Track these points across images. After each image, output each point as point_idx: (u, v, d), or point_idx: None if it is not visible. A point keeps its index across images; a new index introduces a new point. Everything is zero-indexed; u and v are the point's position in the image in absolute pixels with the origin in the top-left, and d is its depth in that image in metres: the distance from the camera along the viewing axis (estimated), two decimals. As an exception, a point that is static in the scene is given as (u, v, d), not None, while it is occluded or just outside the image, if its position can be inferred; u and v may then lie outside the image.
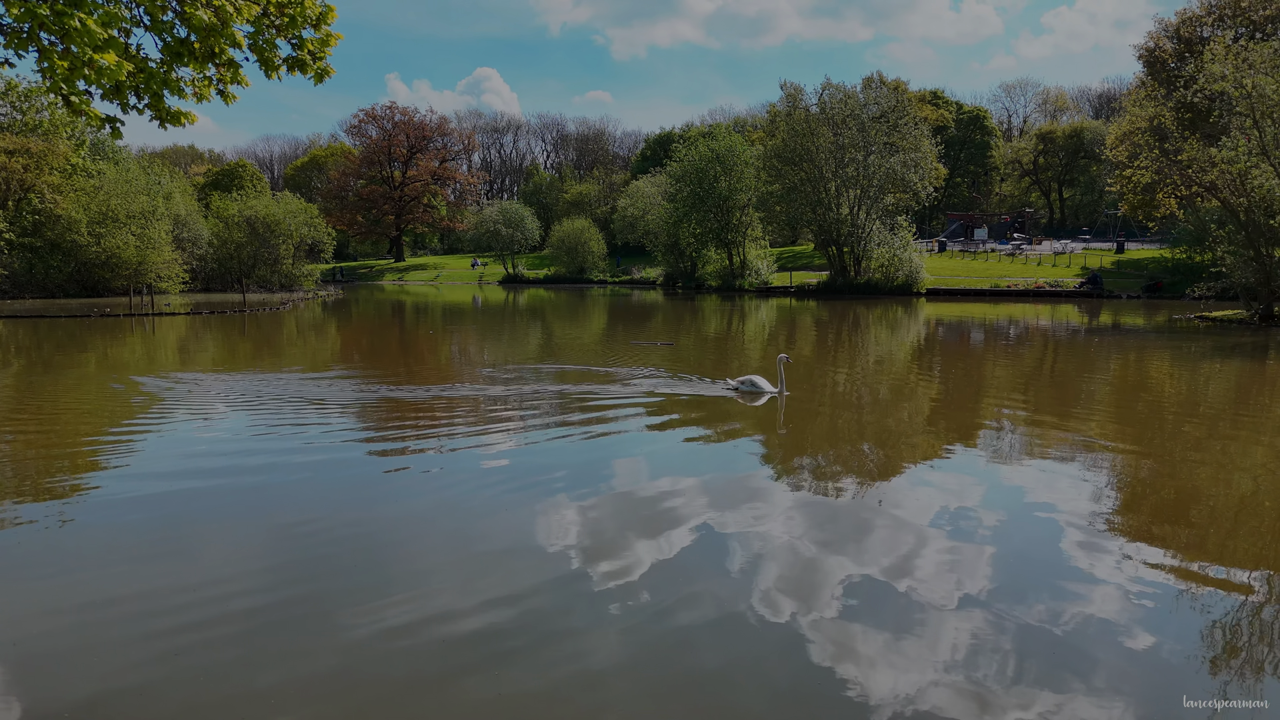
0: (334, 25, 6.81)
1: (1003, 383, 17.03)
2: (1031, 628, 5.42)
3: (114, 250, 51.65)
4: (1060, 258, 60.99)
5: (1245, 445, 10.94)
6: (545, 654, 5.10)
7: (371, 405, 13.70)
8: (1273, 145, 27.71)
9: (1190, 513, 7.95)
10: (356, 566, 6.54)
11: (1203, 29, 47.00)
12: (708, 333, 29.65)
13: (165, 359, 21.64)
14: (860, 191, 52.73)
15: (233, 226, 63.29)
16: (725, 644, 5.24)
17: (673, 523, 7.45)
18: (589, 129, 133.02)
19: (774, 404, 13.35)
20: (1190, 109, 38.35)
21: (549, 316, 39.87)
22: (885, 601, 5.83)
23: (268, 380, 16.33)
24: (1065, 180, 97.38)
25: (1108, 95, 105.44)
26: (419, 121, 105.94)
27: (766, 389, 14.05)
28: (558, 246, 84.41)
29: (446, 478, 9.34)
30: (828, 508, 8.06)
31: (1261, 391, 15.69)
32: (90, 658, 5.08)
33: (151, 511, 7.95)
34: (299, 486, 8.90)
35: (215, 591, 6.03)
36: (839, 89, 53.16)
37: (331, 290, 68.77)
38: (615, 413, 12.90)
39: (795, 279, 59.59)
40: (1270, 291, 29.98)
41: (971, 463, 10.00)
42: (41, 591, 6.11)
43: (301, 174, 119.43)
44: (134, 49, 6.61)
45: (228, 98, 6.82)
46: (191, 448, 10.76)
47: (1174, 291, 46.17)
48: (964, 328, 30.87)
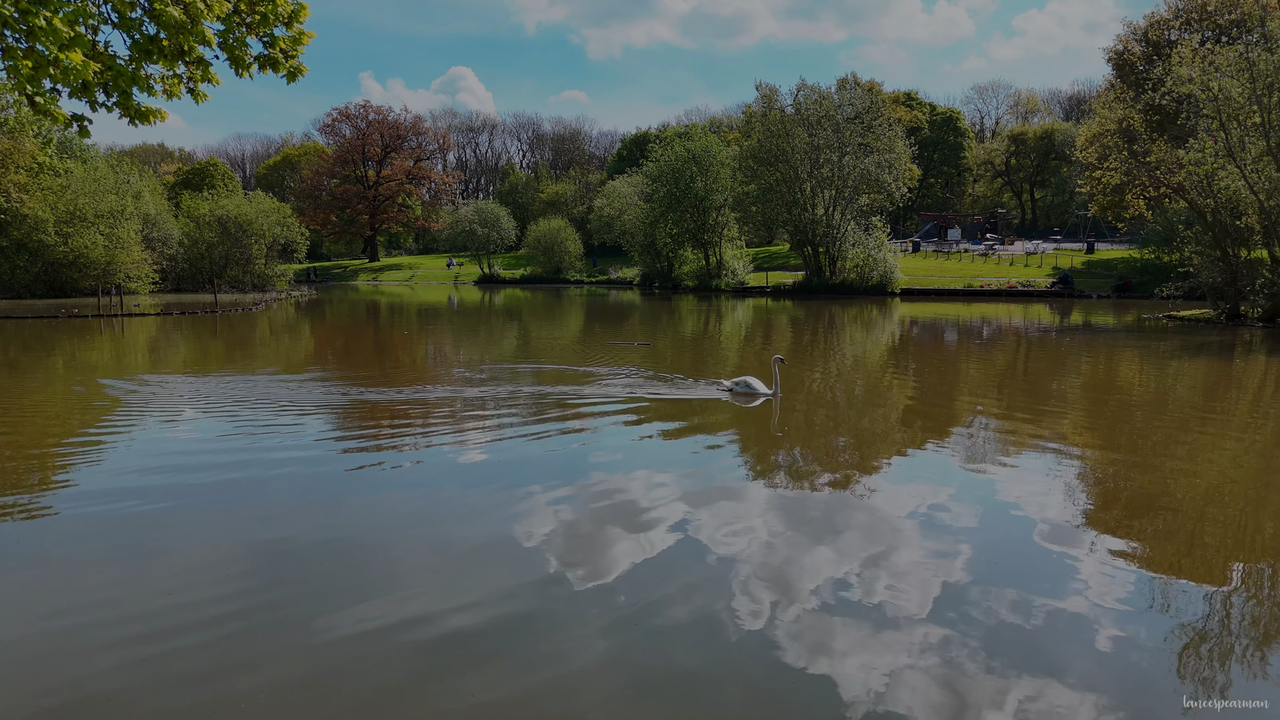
0: (306, 23, 6.74)
1: (976, 382, 17.20)
2: (1005, 624, 5.47)
3: (82, 250, 50.79)
4: (1032, 258, 61.72)
5: (1214, 441, 11.12)
6: (522, 655, 5.07)
7: (345, 407, 13.58)
8: (1239, 147, 28.21)
9: (1160, 508, 8.07)
10: (331, 570, 6.48)
11: (1170, 32, 47.73)
12: (685, 333, 29.68)
13: (134, 361, 21.32)
14: (835, 192, 53.04)
15: (204, 226, 62.45)
16: (703, 642, 5.25)
17: (651, 523, 7.44)
18: (565, 129, 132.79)
19: (767, 406, 13.30)
20: (1158, 111, 38.92)
21: (525, 317, 39.74)
22: (862, 598, 5.86)
23: (238, 382, 16.14)
24: (1036, 181, 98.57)
25: (1078, 98, 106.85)
26: (393, 120, 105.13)
27: (761, 390, 13.92)
28: (534, 246, 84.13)
29: (421, 480, 9.27)
30: (804, 506, 8.09)
31: (1229, 389, 15.97)
32: (59, 665, 4.99)
33: (121, 516, 7.83)
34: (271, 489, 8.80)
35: (187, 596, 5.95)
36: (814, 90, 53.44)
37: (305, 290, 68.05)
38: (592, 413, 12.87)
39: (771, 279, 59.82)
40: (1236, 291, 30.52)
41: (945, 460, 10.09)
42: (5, 598, 6.00)
43: (274, 173, 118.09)
44: (102, 46, 6.51)
45: (198, 96, 6.72)
46: (162, 448, 10.61)
47: (1143, 291, 46.87)
48: (938, 327, 31.14)
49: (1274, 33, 27.65)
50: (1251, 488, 8.98)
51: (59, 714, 4.48)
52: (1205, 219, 30.96)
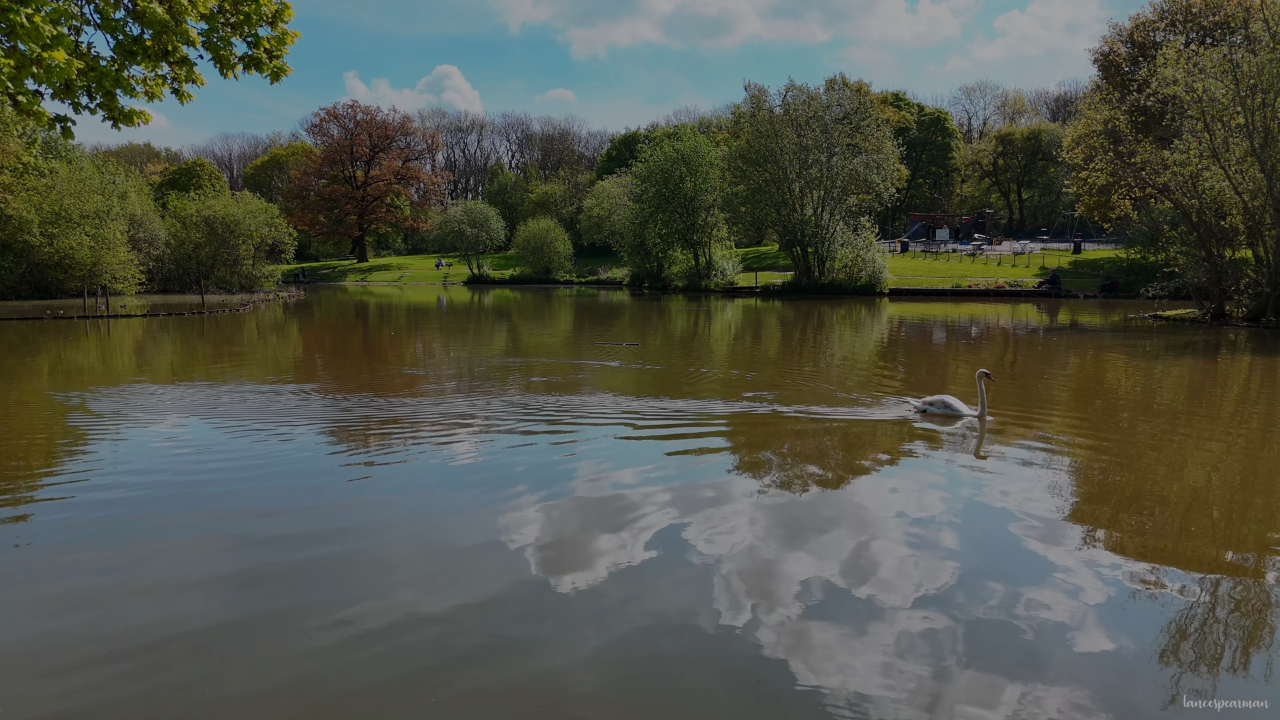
0: (290, 23, 6.71)
1: (965, 380, 17.26)
2: (991, 622, 5.49)
3: (67, 251, 50.47)
4: (1020, 258, 62.09)
5: (1200, 439, 11.20)
6: (513, 654, 5.06)
7: (333, 410, 13.52)
8: (1223, 148, 28.43)
9: (1146, 506, 8.11)
10: (319, 573, 6.45)
11: (1155, 34, 48.07)
12: (675, 333, 29.69)
13: (121, 363, 21.17)
14: (824, 192, 53.18)
15: (191, 227, 62.16)
16: (691, 641, 5.24)
17: (640, 527, 7.44)
18: (554, 129, 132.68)
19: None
20: (1144, 112, 39.19)
21: (515, 317, 39.67)
22: (849, 596, 5.87)
23: (223, 384, 16.04)
24: (1024, 182, 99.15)
25: (1064, 98, 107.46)
26: (382, 120, 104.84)
27: (964, 411, 12.13)
28: (523, 247, 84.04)
29: (410, 483, 9.24)
30: (790, 505, 8.09)
31: (1214, 388, 16.08)
32: (46, 674, 4.95)
33: (106, 518, 7.78)
34: (259, 493, 8.75)
35: (172, 600, 5.91)
36: (802, 90, 53.58)
37: (293, 291, 67.75)
38: (583, 412, 12.86)
39: (760, 279, 59.96)
40: (1221, 291, 30.75)
41: (932, 459, 10.12)
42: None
43: (262, 173, 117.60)
44: (85, 47, 6.46)
45: (182, 97, 6.68)
46: (150, 449, 10.54)
47: (1129, 291, 47.16)
48: (926, 327, 31.25)
49: (1257, 34, 27.87)
50: (1237, 485, 9.05)
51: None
52: (1190, 219, 31.18)
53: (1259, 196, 28.51)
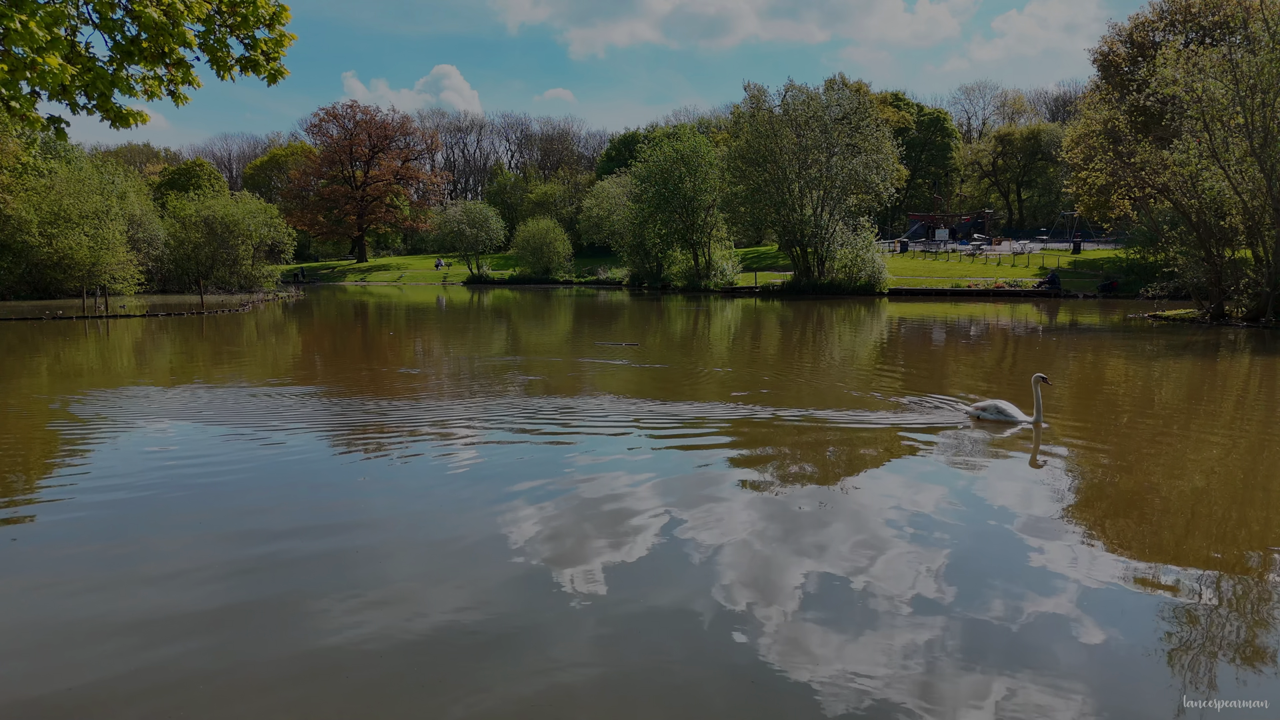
0: (288, 25, 6.69)
1: (964, 380, 17.24)
2: (988, 621, 5.48)
3: (66, 251, 50.45)
4: (1019, 258, 62.08)
5: (1200, 439, 11.18)
6: (512, 651, 5.04)
7: (333, 410, 13.49)
8: (1222, 148, 28.42)
9: (1146, 507, 8.10)
10: (319, 571, 6.43)
11: (1155, 34, 48.07)
12: (674, 333, 29.67)
13: (120, 364, 21.15)
14: (823, 192, 53.16)
15: (190, 227, 62.14)
16: (689, 641, 5.23)
17: (639, 526, 7.42)
18: (553, 129, 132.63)
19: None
20: (1143, 112, 39.19)
21: (515, 317, 39.65)
22: (847, 596, 5.85)
23: (222, 385, 16.02)
24: (1023, 181, 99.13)
25: (1064, 98, 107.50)
26: (381, 120, 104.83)
27: (1019, 418, 11.73)
28: (523, 247, 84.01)
29: (409, 482, 9.22)
30: (789, 504, 8.07)
31: (1214, 388, 16.07)
32: (45, 670, 4.94)
33: (107, 516, 7.76)
34: (259, 491, 8.73)
35: (174, 597, 5.89)
36: (802, 90, 53.56)
37: (292, 291, 67.72)
38: (583, 412, 12.84)
39: (760, 279, 59.94)
40: (1220, 291, 30.74)
41: (932, 458, 10.10)
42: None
43: (261, 173, 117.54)
44: (82, 47, 6.44)
45: (179, 99, 6.66)
46: (149, 448, 10.51)
47: (1128, 291, 47.15)
48: (926, 327, 31.23)
49: (1256, 34, 27.86)
50: (1238, 485, 9.03)
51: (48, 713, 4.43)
52: (1190, 219, 31.18)
53: (1258, 196, 28.50)
